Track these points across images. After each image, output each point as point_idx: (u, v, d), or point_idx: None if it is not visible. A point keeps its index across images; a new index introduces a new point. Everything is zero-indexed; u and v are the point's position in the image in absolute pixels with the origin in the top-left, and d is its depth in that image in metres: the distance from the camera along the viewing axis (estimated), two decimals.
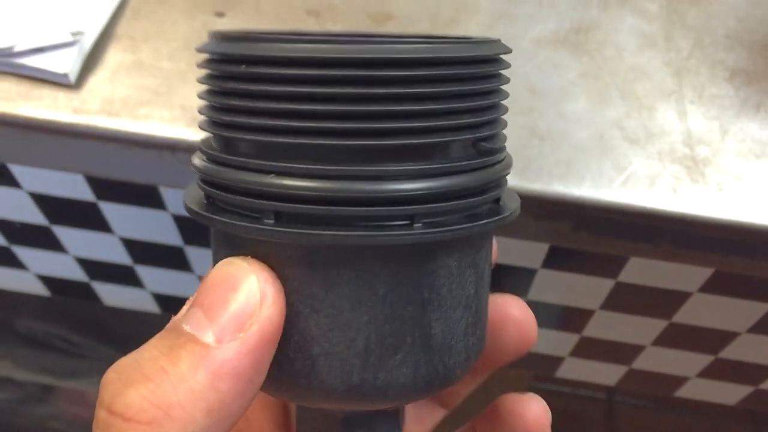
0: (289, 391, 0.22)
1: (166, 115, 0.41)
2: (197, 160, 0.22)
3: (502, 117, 0.23)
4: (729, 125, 0.42)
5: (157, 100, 0.41)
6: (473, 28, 0.45)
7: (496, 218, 0.21)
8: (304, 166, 0.19)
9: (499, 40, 0.22)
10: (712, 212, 0.39)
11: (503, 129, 0.23)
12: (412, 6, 0.46)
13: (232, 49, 0.20)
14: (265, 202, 0.19)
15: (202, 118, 0.22)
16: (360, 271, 0.20)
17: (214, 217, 0.20)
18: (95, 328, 0.94)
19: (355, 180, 0.19)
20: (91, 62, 0.43)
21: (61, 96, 0.42)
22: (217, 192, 0.21)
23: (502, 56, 0.22)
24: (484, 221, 0.21)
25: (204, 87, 0.22)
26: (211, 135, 0.22)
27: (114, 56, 0.43)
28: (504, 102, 0.22)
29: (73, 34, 0.42)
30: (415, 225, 0.19)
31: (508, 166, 0.23)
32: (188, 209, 0.22)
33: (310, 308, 0.20)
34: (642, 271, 0.48)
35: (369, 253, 0.20)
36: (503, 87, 0.22)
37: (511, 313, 0.25)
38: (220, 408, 0.18)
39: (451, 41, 0.20)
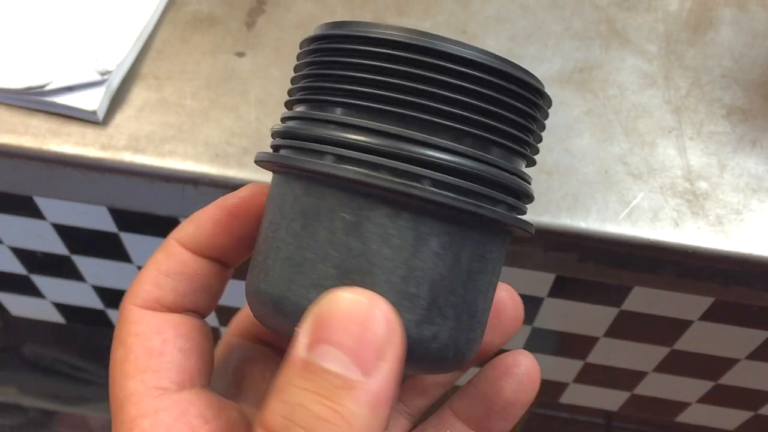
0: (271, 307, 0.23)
1: (190, 150, 0.43)
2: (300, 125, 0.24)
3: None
4: (727, 161, 0.44)
5: (181, 137, 0.43)
6: None
7: (525, 220, 0.24)
8: (443, 141, 0.22)
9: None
10: (712, 244, 0.41)
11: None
12: None
13: (363, 28, 0.22)
14: (383, 159, 0.21)
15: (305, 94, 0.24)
16: (449, 232, 0.22)
17: (337, 167, 0.22)
18: (102, 354, 0.95)
19: (461, 156, 0.22)
20: (117, 100, 0.45)
21: (89, 132, 0.44)
22: (341, 149, 0.22)
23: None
24: (521, 216, 0.24)
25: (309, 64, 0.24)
26: (316, 103, 0.24)
27: (139, 94, 0.45)
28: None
29: (101, 74, 0.44)
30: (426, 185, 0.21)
31: (532, 195, 0.26)
32: (302, 165, 0.22)
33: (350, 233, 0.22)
34: (645, 300, 0.50)
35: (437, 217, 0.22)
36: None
37: (519, 359, 0.27)
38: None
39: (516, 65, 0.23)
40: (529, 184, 0.25)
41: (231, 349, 0.30)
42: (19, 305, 0.65)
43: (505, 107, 0.23)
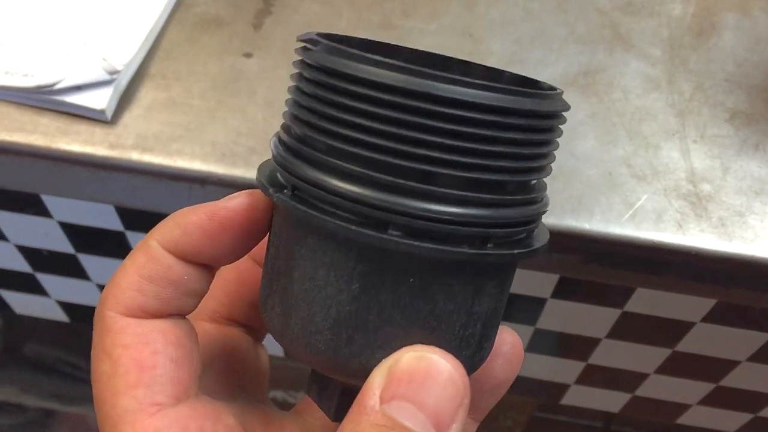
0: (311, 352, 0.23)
1: (197, 150, 0.43)
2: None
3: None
4: (730, 163, 0.44)
5: (189, 136, 0.44)
6: None
7: (535, 247, 0.24)
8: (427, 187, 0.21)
9: (562, 93, 0.24)
10: (715, 246, 0.41)
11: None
12: (430, 49, 0.48)
13: (352, 70, 0.21)
14: (393, 216, 0.21)
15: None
16: (436, 279, 0.22)
17: (347, 225, 0.22)
18: None
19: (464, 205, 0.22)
20: (126, 100, 0.45)
21: (98, 131, 0.44)
22: (347, 203, 0.22)
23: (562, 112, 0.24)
24: (529, 249, 0.23)
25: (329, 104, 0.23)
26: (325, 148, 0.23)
27: (147, 94, 0.45)
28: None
29: (110, 73, 0.44)
30: (488, 246, 0.22)
31: (548, 203, 0.25)
32: (314, 214, 0.22)
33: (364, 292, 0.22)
34: (647, 301, 0.50)
35: (452, 266, 0.22)
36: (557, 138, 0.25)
37: (504, 337, 0.27)
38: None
39: (527, 92, 0.22)
40: (544, 200, 0.25)
41: (207, 340, 0.28)
42: (23, 303, 0.65)
43: (517, 144, 0.22)
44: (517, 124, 0.22)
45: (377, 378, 0.21)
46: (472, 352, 0.24)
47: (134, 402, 0.22)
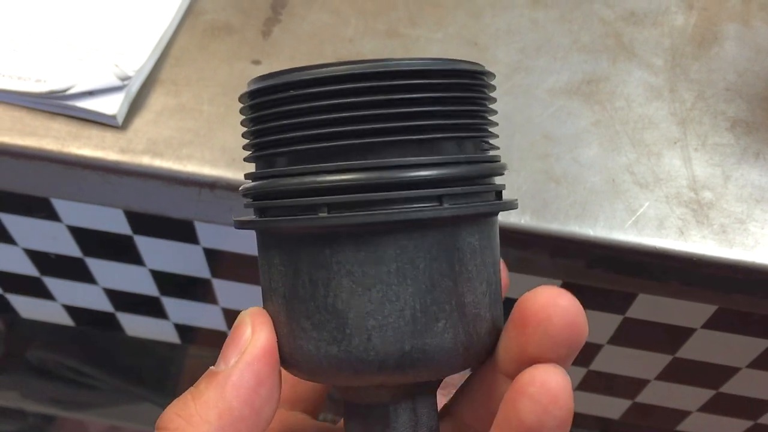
0: (348, 369, 0.24)
1: (207, 155, 0.44)
2: (250, 183, 0.26)
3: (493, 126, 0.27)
4: (731, 171, 0.45)
5: (199, 141, 0.44)
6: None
7: (503, 202, 0.26)
8: (354, 162, 0.23)
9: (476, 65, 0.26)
10: (716, 252, 0.42)
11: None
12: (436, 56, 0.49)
13: (286, 78, 0.24)
14: (320, 197, 0.23)
15: (254, 151, 0.26)
16: (402, 248, 0.23)
17: (276, 219, 0.24)
18: (107, 360, 0.96)
19: (394, 169, 0.23)
20: (137, 105, 0.46)
21: (109, 136, 0.45)
22: (276, 201, 0.24)
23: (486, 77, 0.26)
24: (495, 202, 0.25)
25: (252, 121, 0.26)
26: (265, 156, 0.26)
27: (158, 100, 0.46)
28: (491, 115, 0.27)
29: (122, 79, 0.45)
30: (444, 204, 0.23)
31: (504, 165, 0.27)
32: (244, 223, 0.25)
33: (363, 287, 0.23)
34: (649, 307, 0.51)
35: (408, 231, 0.23)
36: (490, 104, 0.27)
37: (558, 302, 0.24)
38: (229, 413, 0.24)
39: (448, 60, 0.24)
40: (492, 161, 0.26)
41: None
42: (29, 307, 0.66)
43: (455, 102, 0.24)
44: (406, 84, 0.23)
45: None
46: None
47: None
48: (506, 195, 0.27)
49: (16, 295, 0.65)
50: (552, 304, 0.23)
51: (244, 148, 0.27)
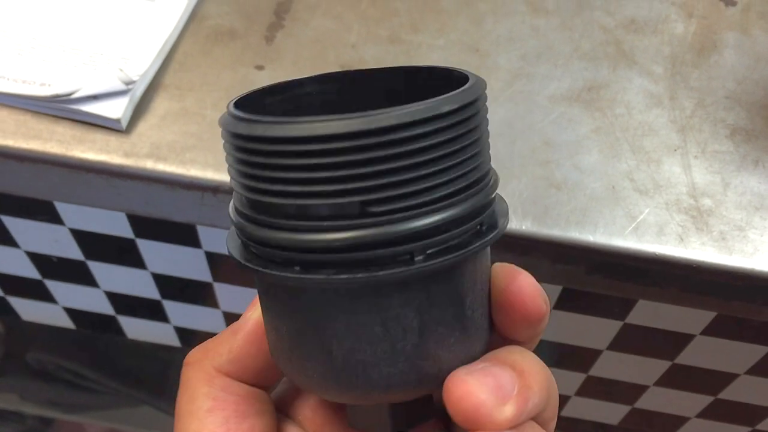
0: (340, 394, 0.25)
1: (210, 159, 0.44)
2: (238, 217, 0.25)
3: (472, 154, 0.24)
4: (730, 179, 0.45)
5: (202, 146, 0.45)
6: (493, 84, 0.48)
7: (460, 252, 0.23)
8: (332, 223, 0.22)
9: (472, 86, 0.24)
10: (716, 259, 0.42)
11: (475, 164, 0.24)
12: (437, 64, 0.49)
13: (248, 130, 0.22)
14: (295, 254, 0.23)
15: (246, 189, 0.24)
16: (377, 300, 0.23)
17: (260, 269, 0.24)
18: (105, 362, 0.96)
19: (361, 228, 0.22)
20: (141, 109, 0.46)
21: (113, 140, 0.45)
22: (258, 246, 0.24)
23: (459, 106, 0.23)
24: (465, 250, 0.23)
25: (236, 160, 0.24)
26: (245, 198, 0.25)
27: (162, 104, 0.46)
28: (472, 139, 0.24)
29: (126, 83, 0.45)
30: (416, 259, 0.23)
31: (489, 192, 0.25)
32: (238, 263, 0.25)
33: (345, 329, 0.24)
34: (649, 313, 0.51)
35: (381, 287, 0.23)
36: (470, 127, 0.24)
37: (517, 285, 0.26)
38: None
39: (416, 107, 0.22)
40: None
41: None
42: (29, 310, 0.66)
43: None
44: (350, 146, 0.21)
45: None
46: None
47: None
48: (506, 198, 0.27)
49: (17, 298, 0.65)
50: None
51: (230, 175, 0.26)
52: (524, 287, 0.26)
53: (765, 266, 0.42)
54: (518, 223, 0.42)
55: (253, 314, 0.28)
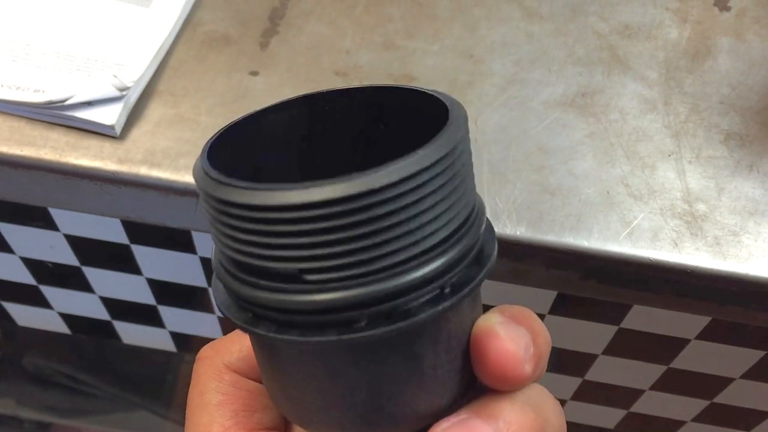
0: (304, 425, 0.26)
1: None
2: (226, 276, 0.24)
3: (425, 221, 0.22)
4: (724, 184, 0.45)
5: (196, 152, 0.45)
6: (488, 89, 0.48)
7: (409, 321, 0.22)
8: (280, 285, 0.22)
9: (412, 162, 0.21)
10: (710, 264, 0.42)
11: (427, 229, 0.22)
12: (432, 70, 0.50)
13: (224, 195, 0.21)
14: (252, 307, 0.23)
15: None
16: (324, 360, 0.23)
17: (250, 327, 0.23)
18: (102, 367, 0.96)
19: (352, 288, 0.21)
20: (135, 116, 0.46)
21: (107, 146, 0.45)
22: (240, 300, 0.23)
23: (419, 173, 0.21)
24: (433, 310, 0.22)
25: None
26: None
27: (156, 110, 0.46)
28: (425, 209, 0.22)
29: (120, 90, 0.45)
30: (355, 326, 0.22)
31: (459, 251, 0.23)
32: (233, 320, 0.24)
33: (300, 379, 0.24)
34: (644, 318, 0.51)
35: (326, 348, 0.23)
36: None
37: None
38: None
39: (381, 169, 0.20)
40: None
41: None
42: (25, 315, 0.66)
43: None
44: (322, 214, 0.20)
45: None
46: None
47: None
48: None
49: (13, 303, 0.65)
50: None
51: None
52: (502, 355, 0.23)
53: (759, 271, 0.42)
54: (513, 228, 0.43)
55: None
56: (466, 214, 0.23)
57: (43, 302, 0.63)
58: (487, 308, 0.25)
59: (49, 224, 0.52)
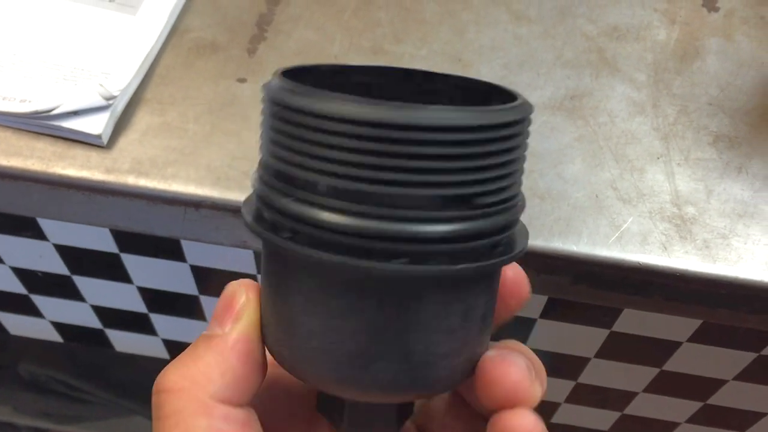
0: (298, 372, 0.26)
1: (192, 174, 0.44)
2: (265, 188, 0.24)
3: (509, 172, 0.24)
4: (713, 186, 0.45)
5: (184, 160, 0.44)
6: None
7: (471, 265, 0.23)
8: (351, 206, 0.22)
9: (521, 104, 0.24)
10: (700, 268, 0.42)
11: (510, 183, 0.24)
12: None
13: (315, 105, 0.22)
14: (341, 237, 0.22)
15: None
16: (363, 293, 0.23)
17: (299, 248, 0.23)
18: (97, 373, 0.96)
19: (382, 219, 0.22)
20: (122, 124, 0.46)
21: (94, 156, 0.45)
22: (300, 225, 0.23)
23: (518, 119, 0.24)
24: (460, 266, 0.23)
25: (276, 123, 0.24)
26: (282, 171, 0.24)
27: (143, 119, 0.46)
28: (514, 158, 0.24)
29: (106, 99, 0.45)
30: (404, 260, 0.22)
31: (515, 214, 0.25)
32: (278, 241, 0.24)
33: (313, 313, 0.24)
34: (635, 321, 0.51)
35: (372, 281, 0.23)
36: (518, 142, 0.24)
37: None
38: (231, 372, 0.25)
39: (480, 109, 0.23)
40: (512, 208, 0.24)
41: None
42: (17, 324, 0.66)
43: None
44: (468, 139, 0.22)
45: None
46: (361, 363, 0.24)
47: None
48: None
49: (4, 313, 0.65)
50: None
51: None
52: (512, 376, 0.25)
53: (749, 274, 0.42)
54: None
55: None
56: (520, 186, 0.26)
57: (34, 311, 0.63)
58: None
59: (38, 234, 0.52)
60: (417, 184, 0.22)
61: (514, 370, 0.25)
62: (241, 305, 0.26)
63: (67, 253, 0.54)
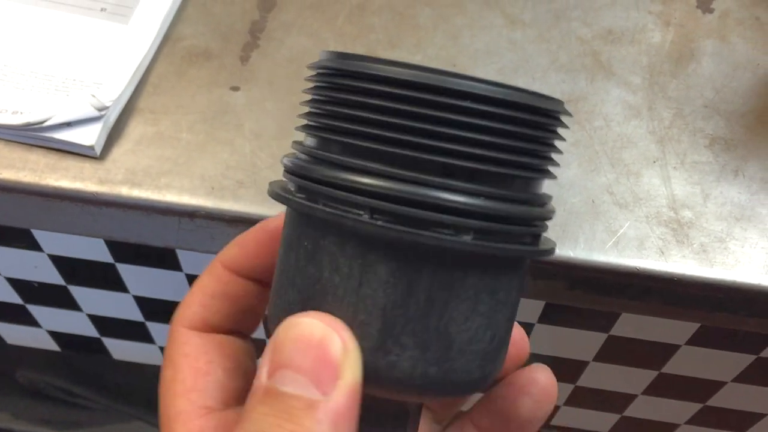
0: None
1: (186, 184, 0.44)
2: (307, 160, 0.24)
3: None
4: (710, 190, 0.45)
5: (178, 170, 0.44)
6: None
7: (529, 249, 0.24)
8: (406, 173, 0.22)
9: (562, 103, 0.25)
10: (697, 272, 0.42)
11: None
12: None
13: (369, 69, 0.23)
14: (368, 199, 0.21)
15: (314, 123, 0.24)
16: (415, 266, 0.22)
17: (323, 208, 0.22)
18: (96, 380, 0.96)
19: (435, 188, 0.22)
20: (115, 135, 0.45)
21: (87, 167, 0.44)
22: (327, 189, 0.22)
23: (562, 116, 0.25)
24: (522, 247, 0.24)
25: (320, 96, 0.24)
26: (326, 139, 0.24)
27: (136, 129, 0.46)
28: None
29: (99, 109, 0.45)
30: (465, 237, 0.22)
31: (552, 210, 0.26)
32: (304, 205, 0.23)
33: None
34: (633, 325, 0.51)
35: (429, 254, 0.22)
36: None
37: (536, 377, 0.28)
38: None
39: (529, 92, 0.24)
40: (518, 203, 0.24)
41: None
42: (14, 333, 0.66)
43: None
44: (524, 118, 0.23)
45: (265, 353, 0.22)
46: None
47: (188, 404, 0.25)
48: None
49: (1, 323, 0.65)
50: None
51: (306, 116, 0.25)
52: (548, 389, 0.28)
53: (746, 278, 0.42)
54: None
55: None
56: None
57: (30, 321, 0.62)
58: None
59: (33, 245, 0.52)
60: (489, 160, 0.22)
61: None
62: (339, 356, 0.21)
63: (61, 263, 0.54)
